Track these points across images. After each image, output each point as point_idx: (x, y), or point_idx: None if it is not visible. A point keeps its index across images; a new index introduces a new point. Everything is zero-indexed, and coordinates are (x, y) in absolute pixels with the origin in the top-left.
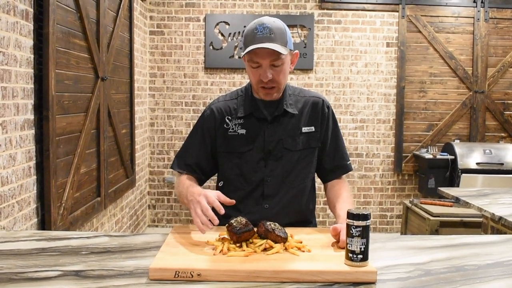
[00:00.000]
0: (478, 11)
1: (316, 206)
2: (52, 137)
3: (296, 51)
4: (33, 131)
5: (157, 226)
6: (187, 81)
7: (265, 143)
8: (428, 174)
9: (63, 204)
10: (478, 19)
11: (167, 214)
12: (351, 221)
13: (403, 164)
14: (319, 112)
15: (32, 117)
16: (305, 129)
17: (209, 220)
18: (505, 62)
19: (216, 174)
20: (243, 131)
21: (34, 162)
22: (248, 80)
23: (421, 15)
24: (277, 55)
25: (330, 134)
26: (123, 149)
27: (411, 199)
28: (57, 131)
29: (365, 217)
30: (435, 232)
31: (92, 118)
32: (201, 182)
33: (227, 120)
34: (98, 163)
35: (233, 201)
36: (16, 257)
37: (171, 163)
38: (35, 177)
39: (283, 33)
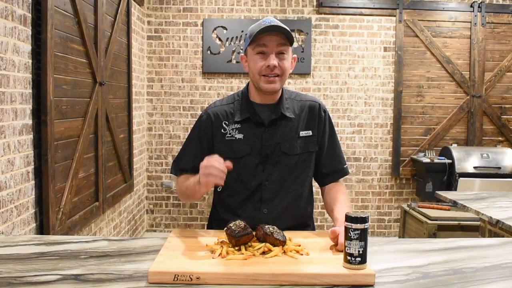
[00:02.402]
0: (475, 15)
1: (314, 210)
2: (51, 142)
3: (295, 55)
4: (31, 136)
5: (155, 230)
6: (185, 85)
7: (262, 147)
8: (425, 178)
9: (62, 209)
10: (475, 24)
11: (165, 219)
12: (349, 224)
13: (400, 168)
14: (316, 116)
15: (30, 122)
16: (302, 133)
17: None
18: (502, 66)
19: None
20: (240, 136)
21: (33, 167)
22: (245, 84)
23: (418, 20)
24: (284, 41)
25: (327, 138)
26: (121, 154)
27: (408, 203)
28: (55, 136)
29: (363, 220)
30: (433, 235)
31: (90, 123)
32: None
33: (224, 125)
34: (96, 167)
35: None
36: (15, 261)
37: (170, 167)
38: (33, 182)
39: (289, 29)
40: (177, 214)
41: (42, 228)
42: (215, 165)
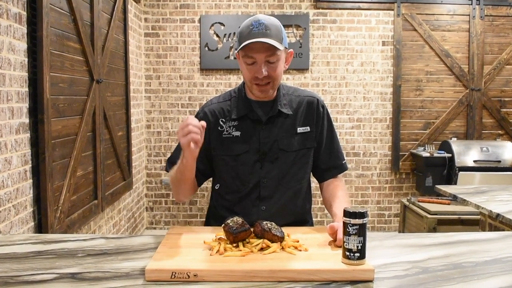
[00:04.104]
0: (474, 8)
1: (314, 205)
2: (48, 140)
3: (291, 50)
4: (28, 135)
5: (155, 228)
6: (183, 82)
7: (260, 144)
8: (425, 173)
9: (60, 208)
10: (474, 17)
11: (164, 216)
12: (348, 219)
13: (400, 163)
14: (314, 112)
15: (27, 120)
16: (300, 129)
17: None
18: (501, 59)
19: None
20: (237, 133)
21: (30, 165)
22: (242, 81)
23: (417, 13)
24: (272, 50)
25: (325, 133)
26: (119, 152)
27: (408, 198)
28: (52, 134)
29: (362, 215)
30: (433, 230)
31: (87, 121)
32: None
33: (221, 123)
34: (94, 165)
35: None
36: (11, 260)
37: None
38: (31, 180)
39: (279, 30)
40: (177, 211)
41: (41, 226)
42: (191, 123)
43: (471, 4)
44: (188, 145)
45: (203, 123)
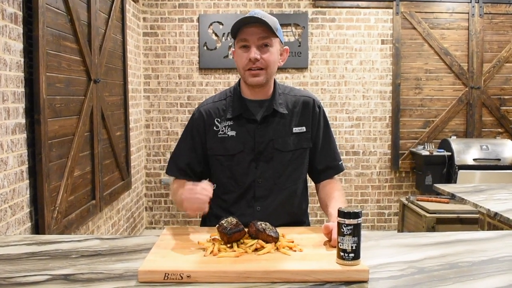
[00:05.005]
0: (473, 6)
1: (314, 204)
2: (44, 141)
3: (286, 47)
4: (24, 135)
5: (154, 228)
6: (182, 82)
7: (255, 144)
8: (425, 171)
9: (57, 208)
10: (473, 15)
11: (164, 216)
12: (342, 219)
13: (400, 162)
14: (310, 112)
15: (23, 121)
16: (296, 129)
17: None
18: (501, 57)
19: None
20: (233, 133)
21: (27, 166)
22: (237, 80)
23: (416, 12)
24: (266, 33)
25: (322, 134)
26: (118, 152)
27: (407, 196)
28: (49, 135)
29: (356, 215)
30: (432, 229)
31: (85, 121)
32: None
33: (217, 122)
34: (92, 166)
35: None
36: (5, 262)
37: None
38: (27, 181)
39: (274, 20)
40: (176, 211)
41: (38, 227)
42: (198, 196)
43: (470, 2)
44: (191, 212)
45: (210, 191)
